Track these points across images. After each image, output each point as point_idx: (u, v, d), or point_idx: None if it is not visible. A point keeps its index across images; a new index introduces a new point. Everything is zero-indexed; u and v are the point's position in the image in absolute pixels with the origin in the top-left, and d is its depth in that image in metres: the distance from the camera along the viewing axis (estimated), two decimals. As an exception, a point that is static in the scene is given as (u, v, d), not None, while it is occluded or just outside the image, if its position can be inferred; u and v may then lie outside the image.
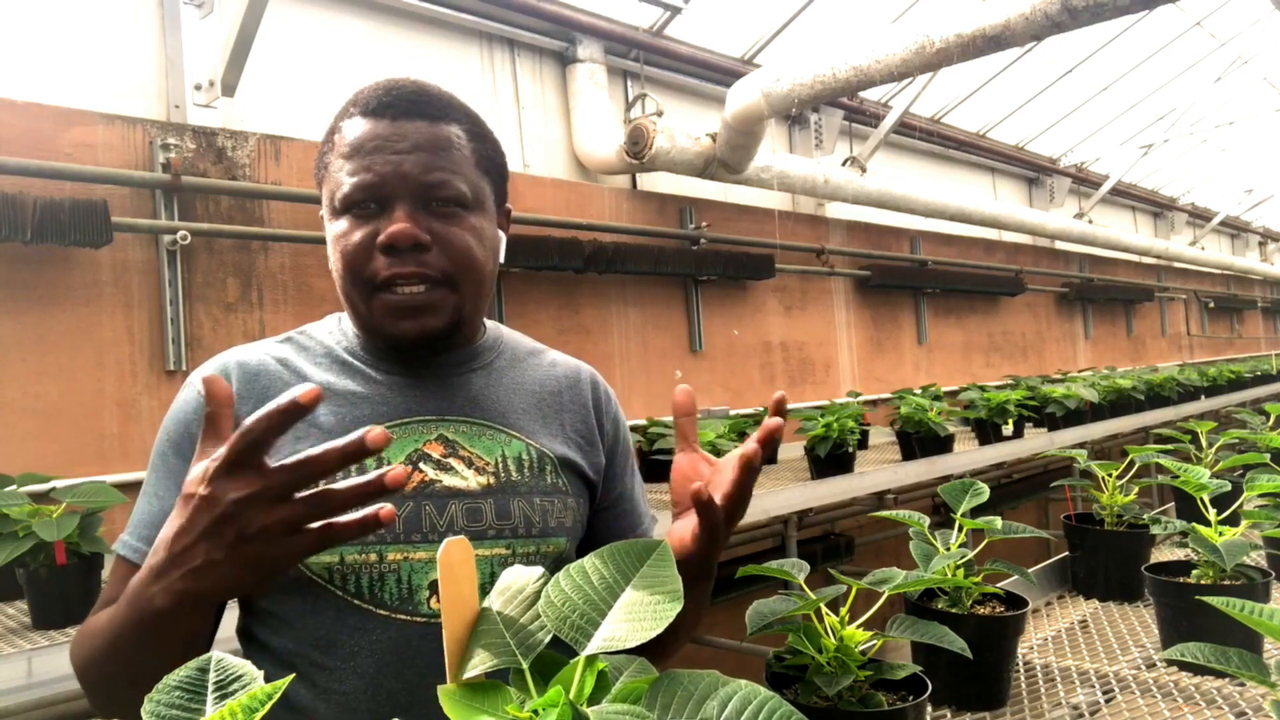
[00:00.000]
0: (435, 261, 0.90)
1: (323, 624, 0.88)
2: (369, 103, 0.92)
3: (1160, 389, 5.78)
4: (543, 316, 3.77)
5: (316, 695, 0.88)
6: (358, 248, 0.90)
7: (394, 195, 0.90)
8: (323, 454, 0.62)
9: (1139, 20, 5.71)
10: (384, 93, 0.93)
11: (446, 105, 0.95)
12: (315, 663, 0.88)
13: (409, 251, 0.89)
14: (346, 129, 0.93)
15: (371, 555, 0.88)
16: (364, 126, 0.92)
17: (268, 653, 0.91)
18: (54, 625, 1.80)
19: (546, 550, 0.96)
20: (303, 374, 0.96)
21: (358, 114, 0.93)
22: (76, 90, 2.69)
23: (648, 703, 0.51)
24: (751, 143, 3.95)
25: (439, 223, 0.91)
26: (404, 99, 0.92)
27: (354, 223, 0.91)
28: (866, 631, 0.99)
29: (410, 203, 0.90)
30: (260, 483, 0.63)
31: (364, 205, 0.90)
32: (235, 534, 0.64)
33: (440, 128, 0.93)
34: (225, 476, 0.64)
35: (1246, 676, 0.85)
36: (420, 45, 3.58)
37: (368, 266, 0.90)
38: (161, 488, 0.91)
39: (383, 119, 0.91)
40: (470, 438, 0.96)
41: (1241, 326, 11.76)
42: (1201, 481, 1.48)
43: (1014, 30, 3.09)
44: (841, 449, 3.36)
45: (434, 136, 0.92)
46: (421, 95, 0.94)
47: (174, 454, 0.92)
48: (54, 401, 2.52)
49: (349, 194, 0.90)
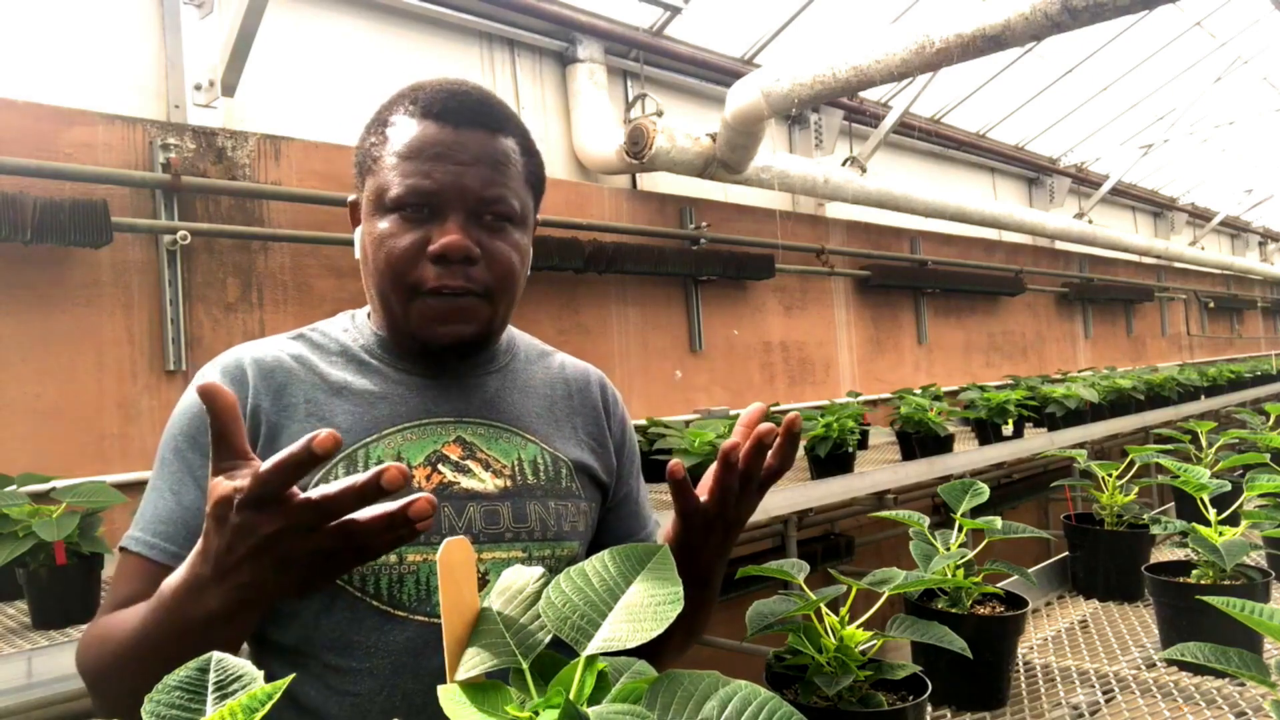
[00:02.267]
0: (480, 275, 0.91)
1: (338, 624, 0.88)
2: (431, 104, 0.92)
3: (1160, 389, 5.78)
4: (543, 316, 3.77)
5: (328, 695, 0.88)
6: (406, 252, 0.90)
7: (449, 205, 0.90)
8: (343, 493, 0.63)
9: (1139, 20, 5.71)
10: (448, 96, 0.92)
11: (505, 118, 0.96)
12: (328, 663, 0.88)
13: (458, 263, 0.90)
14: (403, 127, 0.92)
15: (391, 557, 0.88)
16: (425, 129, 0.91)
17: (278, 652, 0.91)
18: (54, 625, 1.79)
19: (561, 554, 0.96)
20: (319, 371, 0.95)
21: (418, 114, 0.92)
22: (76, 90, 2.69)
23: (648, 703, 0.51)
24: (751, 143, 3.95)
25: (486, 236, 0.92)
26: (468, 107, 0.92)
27: (402, 225, 0.91)
28: (866, 631, 0.99)
29: (464, 215, 0.90)
30: (286, 520, 0.64)
31: (417, 209, 0.90)
32: (275, 559, 0.65)
33: (499, 141, 0.93)
34: (251, 510, 0.64)
35: (1246, 676, 0.85)
36: (420, 45, 3.58)
37: (413, 272, 0.90)
38: (176, 482, 0.89)
39: (445, 125, 0.91)
40: (488, 440, 0.96)
41: (1241, 326, 11.76)
42: (1201, 481, 1.48)
43: (1014, 30, 3.09)
44: (841, 449, 3.36)
45: (494, 150, 0.92)
46: (484, 106, 0.94)
47: (189, 446, 0.90)
48: (54, 401, 2.52)
49: (403, 195, 0.90)
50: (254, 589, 0.66)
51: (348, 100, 3.30)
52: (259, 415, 0.91)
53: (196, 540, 0.86)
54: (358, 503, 0.63)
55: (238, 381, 0.92)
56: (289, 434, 0.91)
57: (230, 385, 0.92)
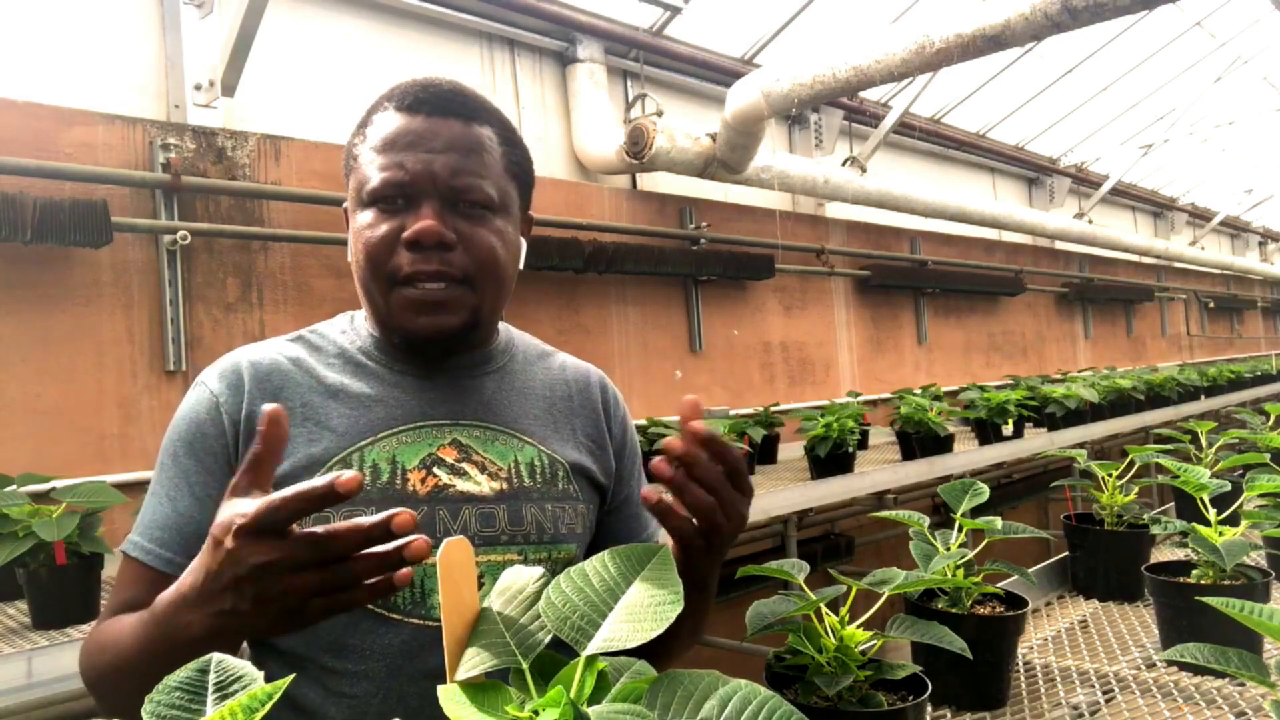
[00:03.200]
0: (458, 261, 0.91)
1: (334, 628, 0.88)
2: (404, 98, 0.93)
3: (1160, 389, 5.78)
4: (543, 316, 3.77)
5: (326, 697, 0.88)
6: (381, 241, 0.90)
7: (422, 193, 0.90)
8: (348, 531, 0.62)
9: (1139, 20, 5.71)
10: (420, 89, 0.93)
11: (480, 107, 0.96)
12: (325, 666, 0.88)
13: (433, 249, 0.89)
14: (379, 122, 0.93)
15: None
16: (398, 121, 0.92)
17: (276, 654, 0.91)
18: (54, 625, 1.79)
19: (558, 556, 0.96)
20: (315, 374, 0.95)
21: (392, 108, 0.93)
22: (76, 90, 2.69)
23: (648, 703, 0.51)
24: (751, 143, 3.95)
25: (464, 223, 0.91)
26: (440, 97, 0.93)
27: (380, 216, 0.91)
28: (866, 631, 0.99)
29: (438, 202, 0.90)
30: (280, 553, 0.63)
31: (391, 200, 0.91)
32: (255, 593, 0.64)
33: (473, 129, 0.93)
34: (248, 538, 0.64)
35: (1246, 676, 0.85)
36: (420, 45, 3.59)
37: (390, 260, 0.90)
38: (173, 488, 0.90)
39: (417, 115, 0.92)
40: (484, 443, 0.96)
41: (1241, 326, 11.76)
42: (1201, 481, 1.48)
43: (1014, 30, 3.09)
44: (841, 449, 3.36)
45: (466, 137, 0.92)
46: (457, 95, 0.94)
47: (186, 453, 0.91)
48: (54, 401, 2.52)
49: (377, 188, 0.91)
50: (232, 618, 0.66)
51: (348, 100, 3.30)
52: (254, 420, 0.91)
53: (191, 547, 0.87)
54: (362, 544, 0.62)
55: (234, 387, 0.93)
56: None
57: (227, 390, 0.92)
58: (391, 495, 0.90)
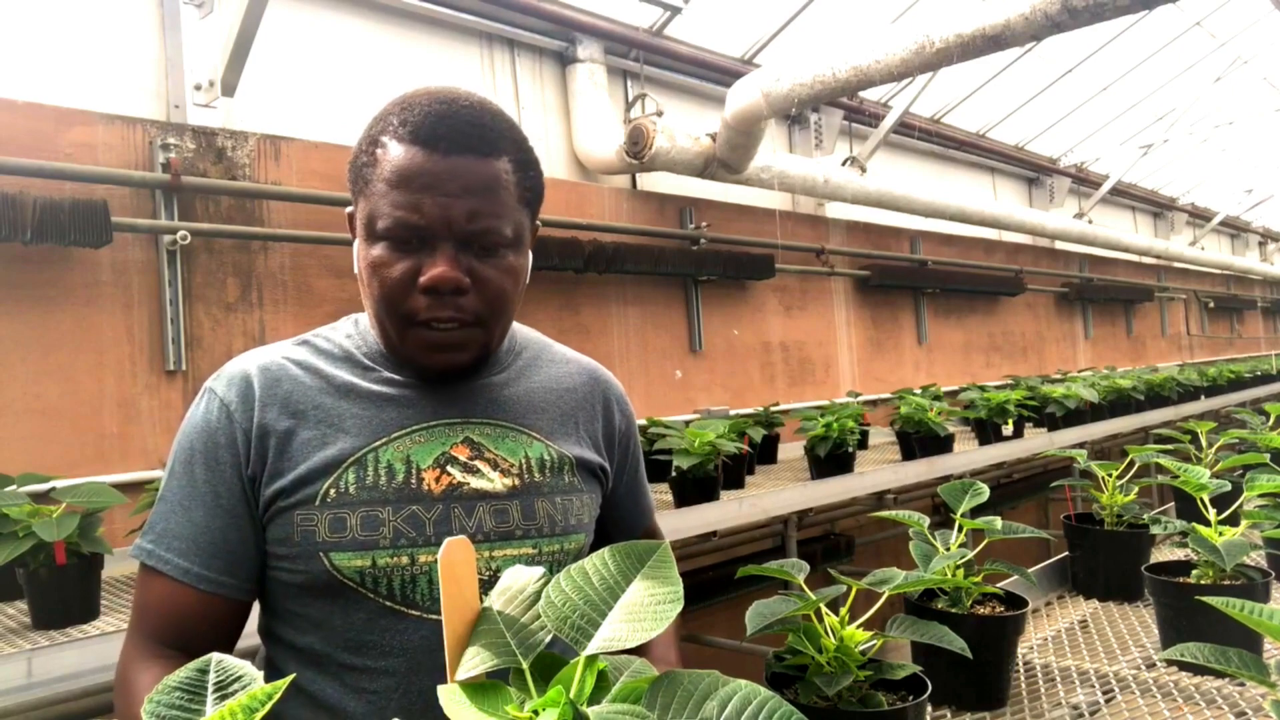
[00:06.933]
0: (470, 305, 0.91)
1: (354, 625, 0.89)
2: (419, 129, 0.89)
3: (1160, 389, 5.78)
4: (543, 316, 3.77)
5: (346, 694, 0.90)
6: (398, 283, 0.90)
7: (438, 236, 0.90)
8: None
9: (1139, 20, 5.71)
10: (437, 121, 0.90)
11: (498, 137, 0.92)
12: (344, 663, 0.90)
13: (448, 294, 0.90)
14: (394, 151, 0.90)
15: (403, 558, 0.89)
16: (414, 156, 0.89)
17: (294, 651, 0.92)
18: (54, 625, 1.79)
19: (569, 547, 0.98)
20: (325, 377, 0.96)
21: (407, 138, 0.90)
22: (76, 90, 2.69)
23: (648, 703, 0.51)
24: (751, 143, 3.95)
25: (478, 262, 0.91)
26: (457, 130, 0.90)
27: (393, 254, 0.90)
28: (866, 631, 0.99)
29: (454, 245, 0.90)
30: None
31: (406, 241, 0.90)
32: None
33: (490, 164, 0.91)
34: None
35: (1246, 676, 0.85)
36: (420, 45, 3.58)
37: (405, 302, 0.91)
38: (186, 497, 0.91)
39: (434, 152, 0.89)
40: (495, 440, 0.97)
41: (1241, 326, 11.76)
42: (1201, 481, 1.48)
43: (1014, 30, 3.08)
44: (841, 449, 3.36)
45: (484, 177, 0.90)
46: (474, 129, 0.91)
47: (198, 462, 0.92)
48: (54, 401, 2.52)
49: (392, 227, 0.89)
50: None
51: (348, 100, 3.30)
52: (266, 427, 0.92)
53: (207, 556, 0.88)
54: None
55: (244, 395, 0.93)
56: (300, 440, 0.92)
57: (237, 399, 0.93)
58: (406, 495, 0.91)
